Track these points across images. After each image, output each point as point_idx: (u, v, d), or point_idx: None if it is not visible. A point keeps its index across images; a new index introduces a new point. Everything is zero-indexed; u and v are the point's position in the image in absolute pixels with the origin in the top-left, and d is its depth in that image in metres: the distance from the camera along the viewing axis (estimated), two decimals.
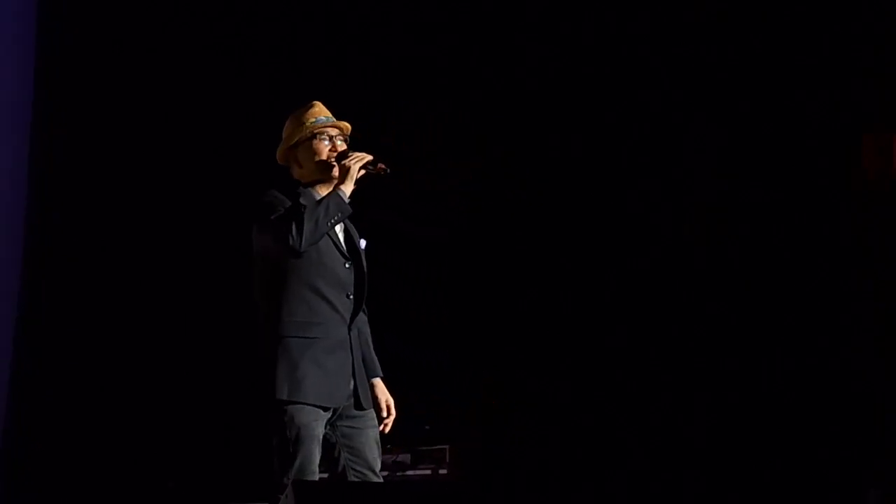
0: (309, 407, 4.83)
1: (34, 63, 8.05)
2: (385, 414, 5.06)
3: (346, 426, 4.95)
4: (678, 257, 7.57)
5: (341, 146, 5.07)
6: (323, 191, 5.00)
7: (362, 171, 4.99)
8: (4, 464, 7.78)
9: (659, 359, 7.49)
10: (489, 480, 7.28)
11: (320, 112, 5.09)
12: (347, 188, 4.95)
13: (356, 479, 4.91)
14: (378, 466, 5.00)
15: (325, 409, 4.88)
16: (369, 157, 5.01)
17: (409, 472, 6.55)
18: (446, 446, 6.72)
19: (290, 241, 4.81)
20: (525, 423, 7.62)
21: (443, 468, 6.77)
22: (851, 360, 7.00)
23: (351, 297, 4.98)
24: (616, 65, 7.76)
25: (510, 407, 7.69)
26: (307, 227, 4.81)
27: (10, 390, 7.79)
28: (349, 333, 4.97)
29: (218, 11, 8.28)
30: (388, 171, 5.02)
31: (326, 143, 5.05)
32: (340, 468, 4.95)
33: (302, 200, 4.91)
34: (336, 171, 5.01)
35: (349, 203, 4.95)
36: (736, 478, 7.10)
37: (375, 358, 5.10)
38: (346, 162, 4.97)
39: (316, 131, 5.04)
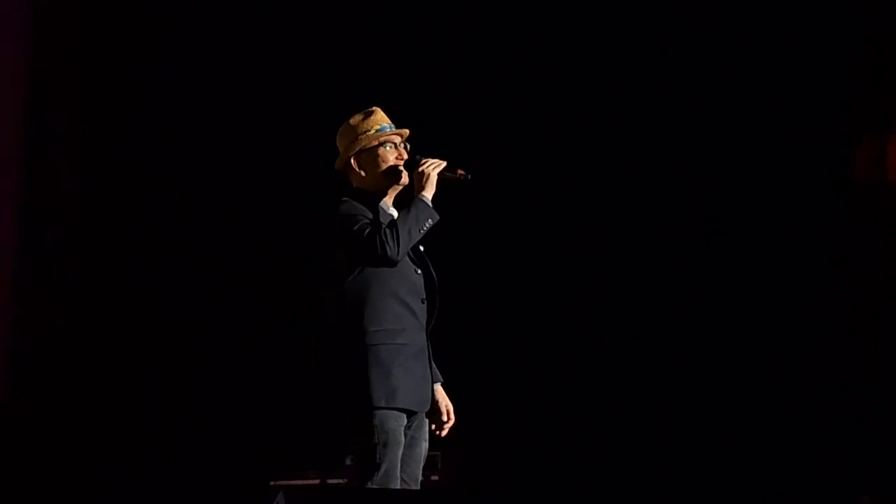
0: (396, 413, 4.87)
1: (34, 62, 8.05)
2: (445, 418, 5.09)
3: (409, 434, 4.98)
4: (678, 257, 7.57)
5: (405, 153, 5.08)
6: (390, 198, 5.04)
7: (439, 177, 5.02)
8: (4, 463, 7.80)
9: (658, 359, 7.50)
10: (483, 485, 7.30)
11: (383, 119, 5.09)
12: (429, 194, 4.97)
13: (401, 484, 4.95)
14: (419, 480, 5.05)
15: (410, 415, 4.93)
16: (444, 163, 5.03)
17: None
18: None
19: (389, 252, 4.84)
20: (520, 425, 7.63)
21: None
22: (847, 364, 7.01)
23: (425, 302, 5.02)
24: (616, 65, 7.75)
25: (506, 409, 7.69)
26: (402, 236, 4.86)
27: (10, 390, 7.80)
28: (427, 340, 5.02)
29: (217, 10, 8.27)
30: (469, 176, 5.05)
31: (392, 150, 5.07)
32: None
33: (385, 216, 4.95)
34: (405, 177, 5.04)
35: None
36: (729, 482, 7.11)
37: (434, 363, 5.11)
38: (423, 169, 4.99)
39: (382, 139, 5.06)
